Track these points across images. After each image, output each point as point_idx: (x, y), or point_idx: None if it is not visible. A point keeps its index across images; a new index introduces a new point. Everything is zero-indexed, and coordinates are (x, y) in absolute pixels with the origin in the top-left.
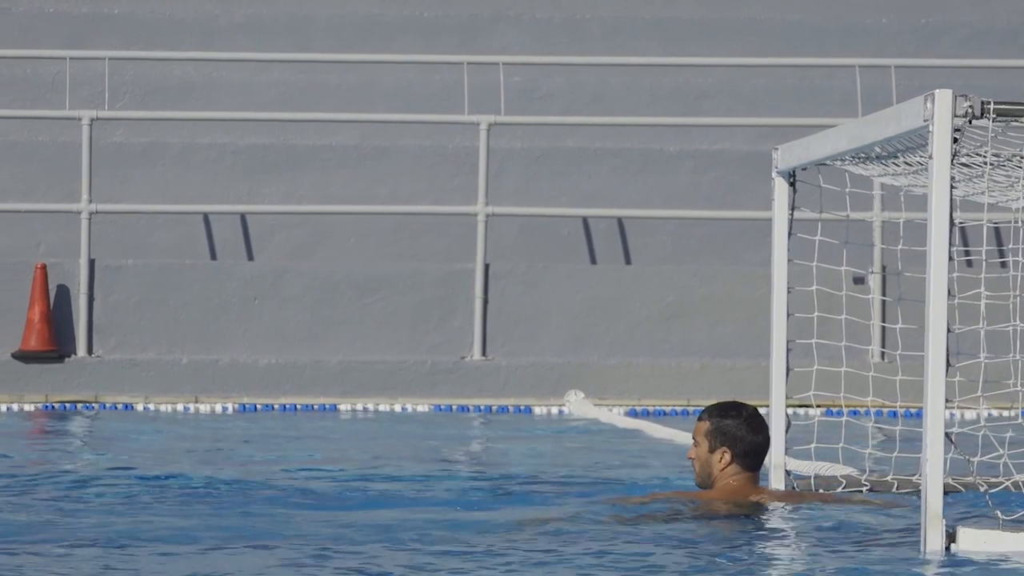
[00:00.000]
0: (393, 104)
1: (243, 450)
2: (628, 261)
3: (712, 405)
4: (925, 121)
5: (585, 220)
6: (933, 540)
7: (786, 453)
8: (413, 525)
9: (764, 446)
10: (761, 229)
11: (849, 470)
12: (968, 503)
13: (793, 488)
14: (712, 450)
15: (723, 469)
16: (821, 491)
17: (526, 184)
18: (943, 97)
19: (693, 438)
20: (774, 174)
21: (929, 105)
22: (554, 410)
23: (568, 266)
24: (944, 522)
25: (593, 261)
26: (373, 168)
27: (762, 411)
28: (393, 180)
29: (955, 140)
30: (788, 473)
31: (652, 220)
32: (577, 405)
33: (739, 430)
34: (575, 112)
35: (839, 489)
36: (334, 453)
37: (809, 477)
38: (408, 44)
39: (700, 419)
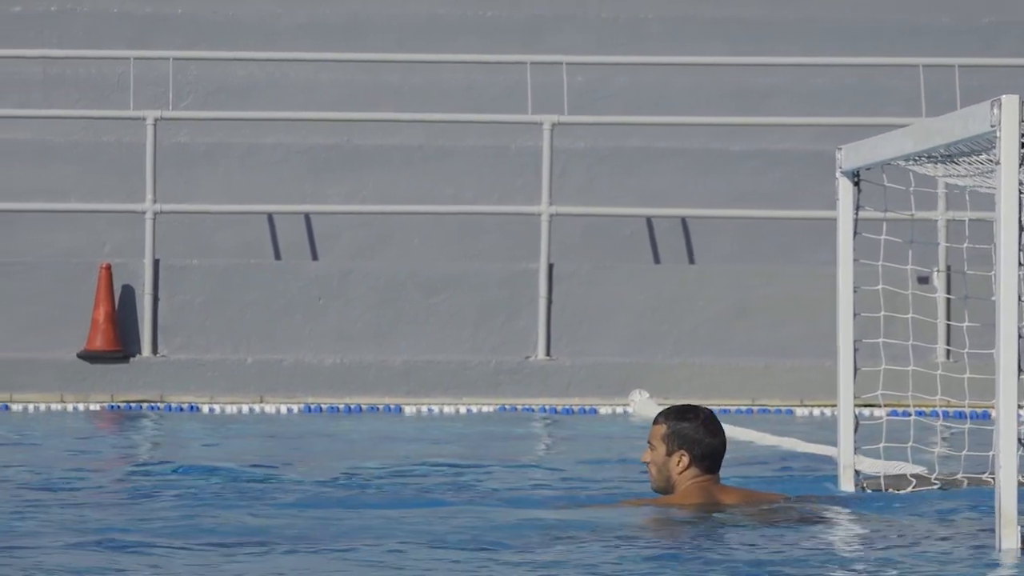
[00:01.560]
0: (456, 104)
1: (307, 450)
2: (692, 261)
3: (667, 408)
4: (992, 127)
5: (648, 220)
6: (1008, 541)
7: (855, 453)
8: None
9: (721, 448)
10: (823, 228)
11: (918, 469)
12: None
13: (863, 489)
14: (670, 453)
15: (681, 472)
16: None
17: (589, 184)
18: (1010, 103)
19: (648, 442)
20: (838, 174)
21: (996, 111)
22: (619, 410)
23: (632, 266)
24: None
25: (656, 261)
26: (437, 168)
27: (829, 411)
28: (457, 180)
29: (1022, 145)
30: (857, 473)
31: (715, 220)
32: (641, 405)
33: (696, 432)
34: (638, 112)
35: (909, 489)
36: (401, 453)
37: (878, 477)
38: (471, 44)
39: (656, 423)
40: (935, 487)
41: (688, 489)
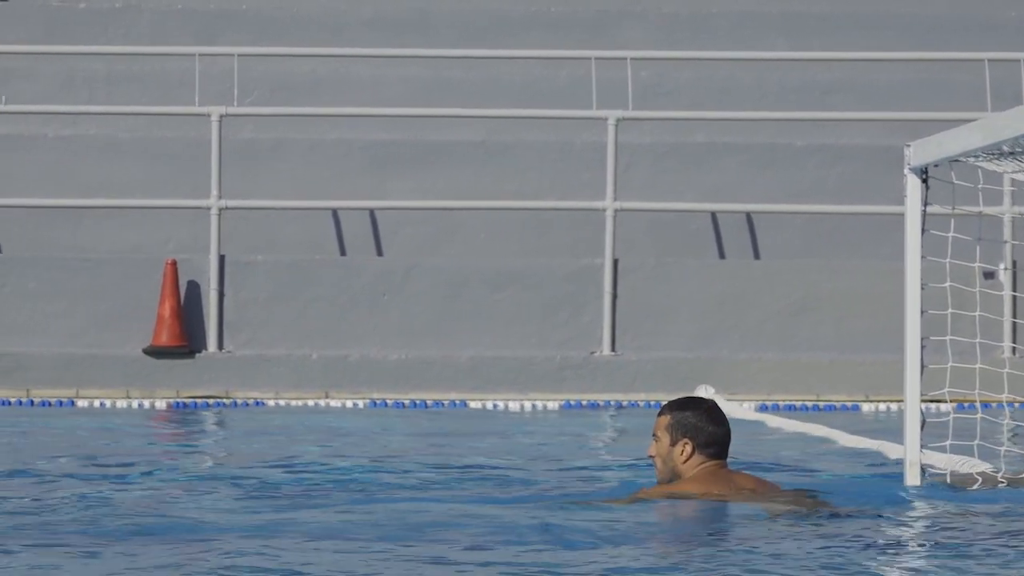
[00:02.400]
0: (520, 99)
1: (372, 446)
2: (757, 256)
3: (670, 400)
4: None
5: (713, 215)
6: None
7: (921, 449)
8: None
9: (726, 437)
10: (888, 224)
11: (985, 466)
12: None
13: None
14: (673, 443)
15: (685, 461)
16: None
17: (654, 179)
18: None
19: (653, 434)
20: (906, 170)
21: None
22: None
23: (697, 261)
24: None
25: (722, 256)
26: (501, 163)
27: (895, 407)
28: (521, 175)
29: None
30: (924, 470)
31: (780, 215)
32: None
33: (699, 420)
34: (703, 107)
35: (975, 487)
36: (466, 449)
37: (945, 473)
38: (535, 39)
39: (660, 415)
40: (1001, 485)
41: (695, 476)
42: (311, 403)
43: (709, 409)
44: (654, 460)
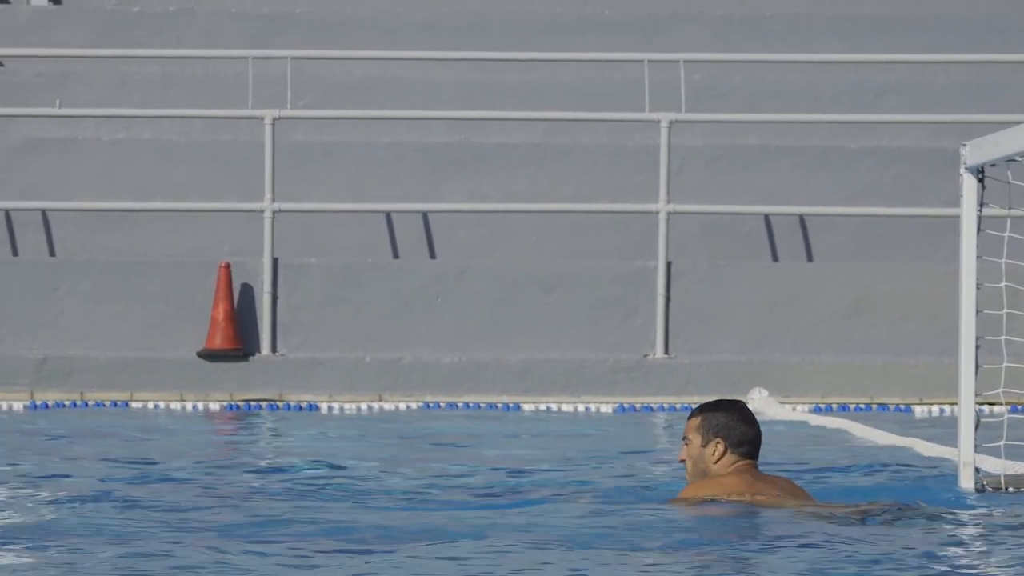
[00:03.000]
0: (573, 102)
1: (425, 448)
2: (810, 258)
3: (700, 405)
4: None
5: (766, 217)
6: None
7: (975, 451)
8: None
9: (757, 437)
10: (942, 226)
11: None
12: None
13: (983, 487)
14: (705, 443)
15: (717, 461)
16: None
17: (707, 181)
18: None
19: (684, 438)
20: (962, 170)
21: None
22: None
23: (749, 263)
24: None
25: (775, 258)
26: (554, 166)
27: (949, 409)
28: (574, 178)
29: None
30: (977, 471)
31: (833, 217)
32: (761, 403)
33: (730, 420)
34: (756, 109)
35: None
36: (518, 451)
37: (999, 476)
38: (589, 42)
39: (690, 417)
40: None
41: (729, 474)
42: (364, 406)
43: (740, 410)
44: (685, 464)
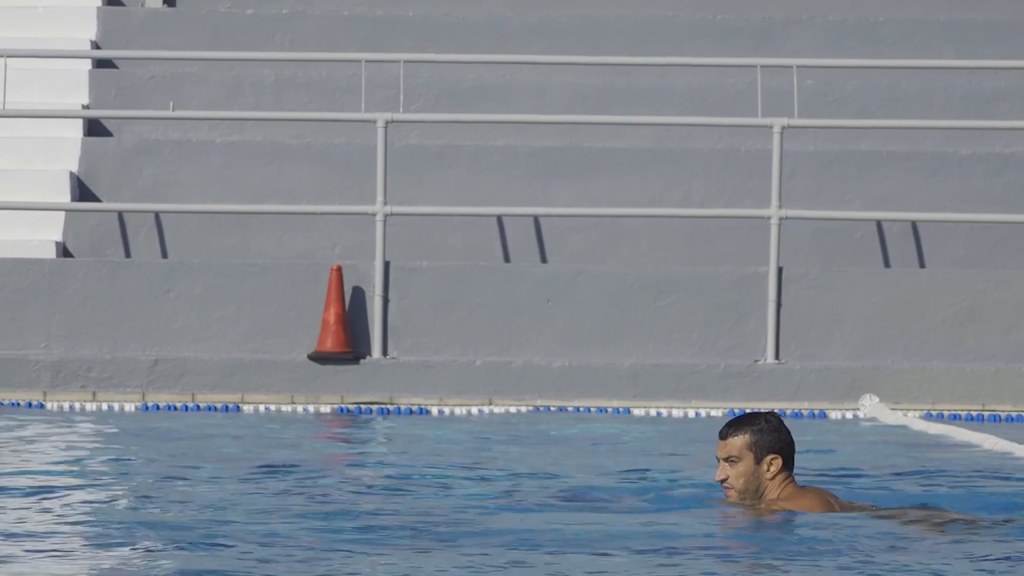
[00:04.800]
0: (685, 107)
1: (534, 452)
2: (922, 264)
3: (733, 420)
4: None
5: (878, 223)
6: None
7: None
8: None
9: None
10: None
11: None
12: None
13: None
14: (759, 460)
15: (773, 477)
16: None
17: (819, 187)
18: None
19: (725, 460)
20: None
21: None
22: (848, 414)
23: (861, 269)
24: None
25: (886, 264)
26: (666, 171)
27: None
28: (686, 183)
29: None
30: None
31: (945, 223)
32: (872, 409)
33: (781, 434)
34: (869, 115)
35: None
36: (626, 456)
37: None
38: (701, 47)
39: (730, 436)
40: None
41: (790, 492)
42: (474, 410)
43: (780, 421)
44: (729, 483)
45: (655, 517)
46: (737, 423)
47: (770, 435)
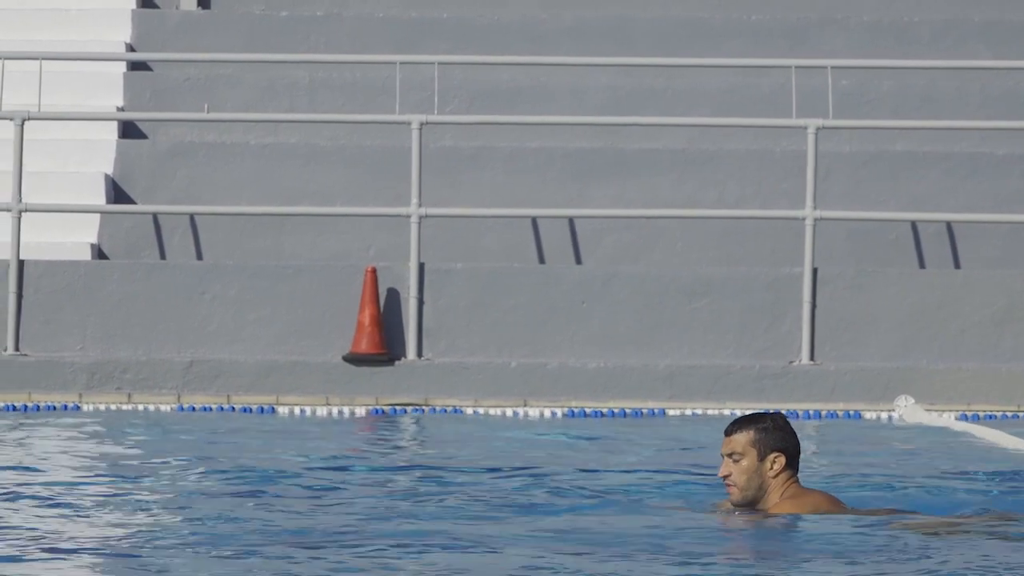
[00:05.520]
0: (720, 108)
1: (569, 453)
2: (957, 265)
3: (739, 418)
4: None
5: (914, 224)
6: None
7: None
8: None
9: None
10: None
11: None
12: None
13: None
14: (762, 458)
15: (776, 476)
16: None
17: (854, 188)
18: None
19: (728, 455)
20: None
21: None
22: (883, 415)
23: (896, 270)
24: None
25: (921, 265)
26: (700, 172)
27: None
28: (720, 184)
29: None
30: None
31: (981, 224)
32: (908, 410)
33: (785, 433)
34: (904, 115)
35: None
36: (661, 457)
37: None
38: (735, 48)
39: (736, 433)
40: None
41: (793, 491)
42: (509, 411)
43: (785, 421)
44: (731, 480)
45: (647, 519)
46: (742, 420)
47: (774, 434)
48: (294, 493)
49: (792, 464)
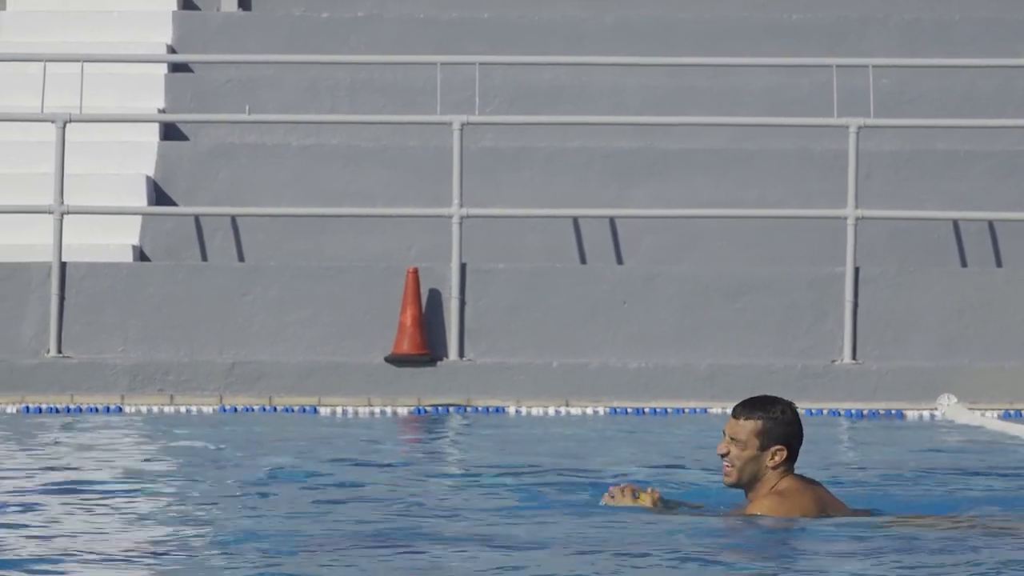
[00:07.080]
0: (761, 107)
1: (612, 455)
2: (999, 264)
3: (750, 401)
4: None
5: (955, 223)
6: None
7: None
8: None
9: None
10: None
11: None
12: None
13: None
14: (763, 448)
15: (774, 468)
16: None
17: (896, 187)
18: None
19: (731, 437)
20: None
21: None
22: (925, 415)
23: (938, 269)
24: None
25: (963, 264)
26: (741, 171)
27: None
28: (761, 183)
29: None
30: None
31: (1023, 223)
32: (950, 409)
33: (793, 427)
34: (945, 114)
35: None
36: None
37: None
38: (776, 47)
39: (743, 419)
40: None
41: (791, 485)
42: (551, 411)
43: (795, 414)
44: (728, 460)
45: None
46: (752, 405)
47: (782, 427)
48: (338, 494)
49: (792, 458)
